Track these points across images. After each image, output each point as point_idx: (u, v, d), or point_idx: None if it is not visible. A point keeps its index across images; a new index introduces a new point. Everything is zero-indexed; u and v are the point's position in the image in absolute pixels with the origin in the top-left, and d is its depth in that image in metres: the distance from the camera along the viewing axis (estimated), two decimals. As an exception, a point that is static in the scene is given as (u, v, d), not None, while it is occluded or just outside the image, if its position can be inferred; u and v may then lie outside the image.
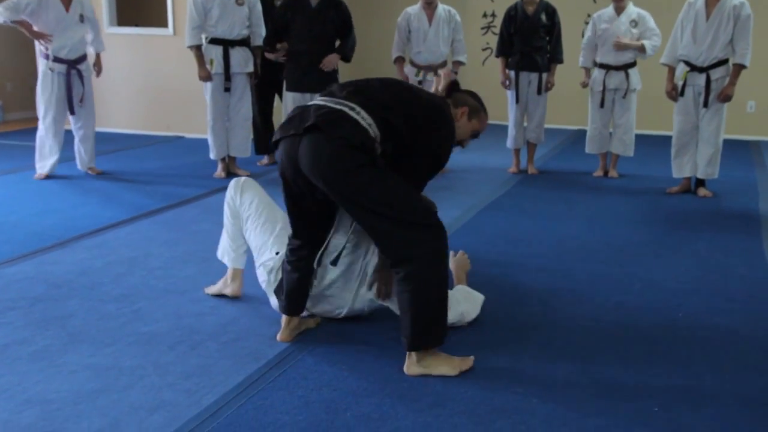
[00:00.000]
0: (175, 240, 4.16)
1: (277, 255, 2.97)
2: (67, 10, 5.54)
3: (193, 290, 3.36)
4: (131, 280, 3.50)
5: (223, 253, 3.29)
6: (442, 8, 6.08)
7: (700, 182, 5.47)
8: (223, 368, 2.59)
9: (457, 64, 6.16)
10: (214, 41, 5.64)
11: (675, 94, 5.33)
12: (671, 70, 5.36)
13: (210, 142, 5.88)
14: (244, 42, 5.73)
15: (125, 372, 2.56)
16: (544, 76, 6.08)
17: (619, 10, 5.87)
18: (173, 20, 7.83)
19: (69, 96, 5.63)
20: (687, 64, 5.24)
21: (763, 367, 2.67)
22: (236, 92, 5.79)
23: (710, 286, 3.50)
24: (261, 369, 2.58)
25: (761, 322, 3.09)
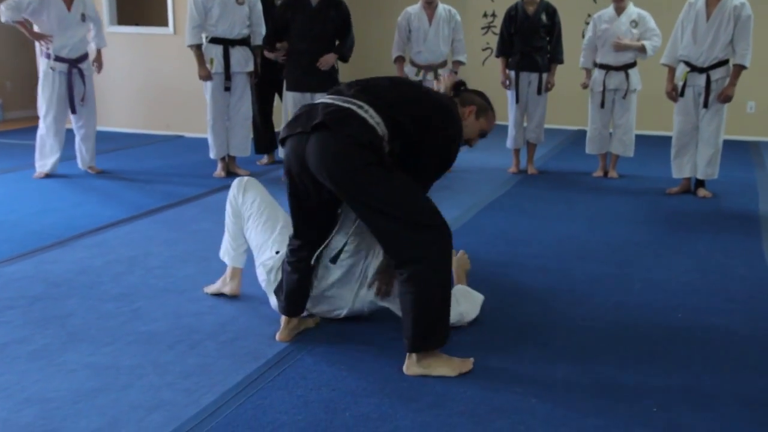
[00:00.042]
0: (175, 239, 4.16)
1: (277, 254, 2.97)
2: (68, 9, 5.54)
3: (192, 289, 3.36)
4: (130, 279, 3.50)
5: (224, 252, 3.29)
6: (442, 8, 6.07)
7: (699, 183, 5.46)
8: (222, 368, 2.59)
9: (457, 63, 6.16)
10: (214, 40, 5.64)
11: (675, 94, 5.33)
12: (671, 71, 5.36)
13: (210, 142, 5.88)
14: (245, 41, 5.73)
15: (124, 371, 2.56)
16: (544, 76, 6.08)
17: (620, 11, 5.86)
18: (173, 19, 7.83)
19: (70, 95, 5.63)
20: (687, 64, 5.24)
21: (762, 368, 2.67)
22: (236, 91, 5.79)
23: (710, 287, 3.50)
24: (260, 368, 2.58)
25: (760, 322, 3.09)
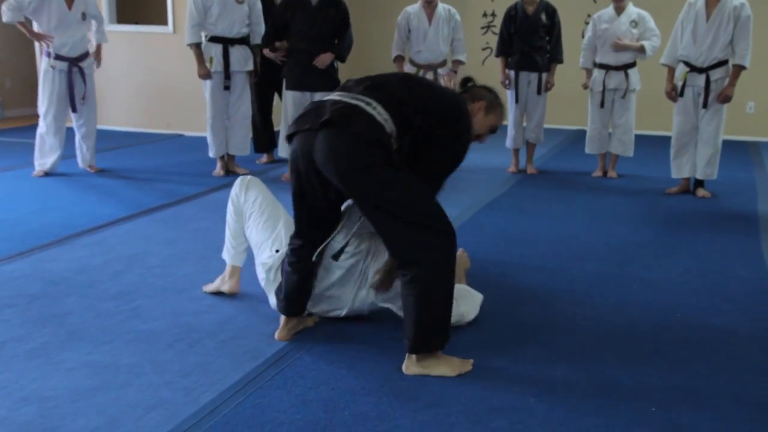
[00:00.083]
0: (174, 238, 4.16)
1: (277, 253, 2.96)
2: (69, 8, 5.54)
3: (191, 288, 3.36)
4: (129, 277, 3.49)
5: (225, 250, 3.29)
6: (441, 7, 6.07)
7: (699, 183, 5.47)
8: (221, 366, 2.59)
9: (457, 63, 6.16)
10: (213, 39, 5.63)
11: (674, 94, 5.33)
12: (671, 71, 5.36)
13: (209, 140, 5.87)
14: (244, 40, 5.73)
15: (123, 370, 2.55)
16: (544, 76, 6.08)
17: (619, 11, 5.86)
18: (173, 18, 7.83)
19: (71, 94, 5.63)
20: (687, 64, 5.24)
21: (761, 367, 2.67)
22: (236, 90, 5.78)
23: (709, 287, 3.50)
24: (259, 367, 2.58)
25: (760, 322, 3.09)
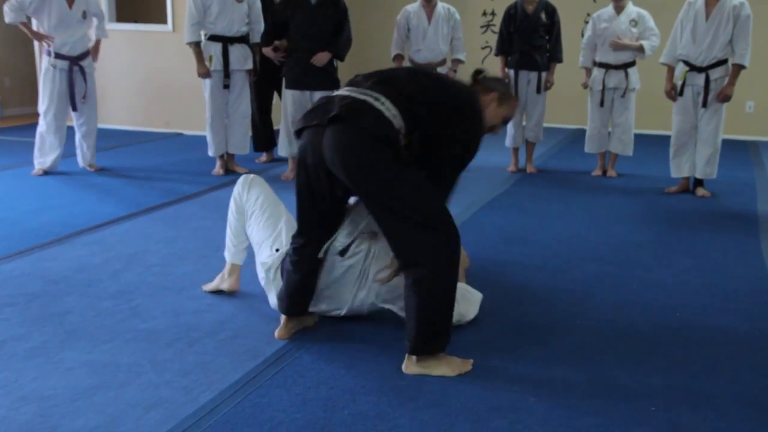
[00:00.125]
0: (173, 237, 4.16)
1: (277, 252, 2.96)
2: (70, 7, 5.54)
3: (190, 287, 3.36)
4: (129, 276, 3.49)
5: (226, 248, 3.28)
6: (441, 6, 6.07)
7: (698, 182, 5.47)
8: (221, 366, 2.59)
9: (457, 62, 6.15)
10: (213, 38, 5.63)
11: (674, 93, 5.33)
12: (670, 70, 5.36)
13: (208, 139, 5.87)
14: (244, 39, 5.72)
15: (122, 369, 2.55)
16: (544, 75, 6.07)
17: (619, 10, 5.86)
18: (172, 17, 7.82)
19: (71, 92, 5.63)
20: (686, 63, 5.24)
21: (760, 367, 2.67)
22: (235, 89, 5.78)
23: (708, 286, 3.50)
24: (258, 366, 2.58)
25: (759, 321, 3.09)
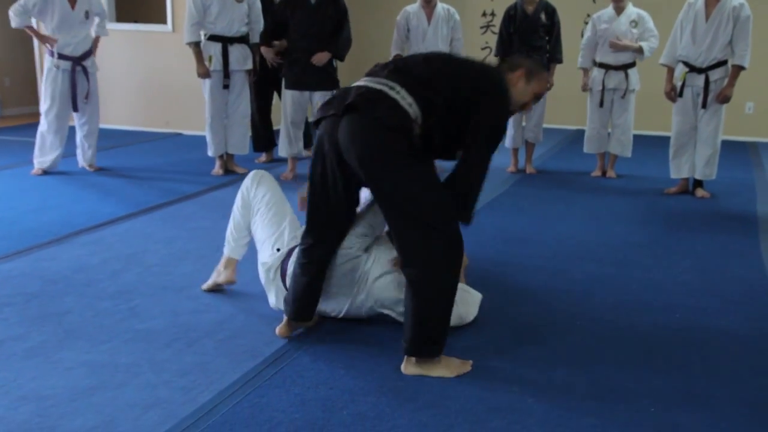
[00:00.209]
0: (173, 237, 4.16)
1: (278, 252, 2.96)
2: (72, 8, 5.56)
3: (189, 287, 3.35)
4: (128, 276, 3.49)
5: (225, 242, 3.28)
6: (441, 7, 6.07)
7: (698, 183, 5.47)
8: (219, 366, 2.59)
9: (457, 62, 6.14)
10: (213, 38, 5.63)
11: (674, 94, 5.33)
12: (670, 71, 5.36)
13: (208, 139, 5.87)
14: (243, 39, 5.72)
15: (121, 369, 2.55)
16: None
17: (619, 11, 5.86)
18: (172, 17, 7.82)
19: (73, 93, 5.63)
20: (686, 64, 5.24)
21: (759, 368, 2.67)
22: (235, 89, 5.78)
23: (708, 287, 3.50)
24: (257, 367, 2.58)
25: (758, 322, 3.09)
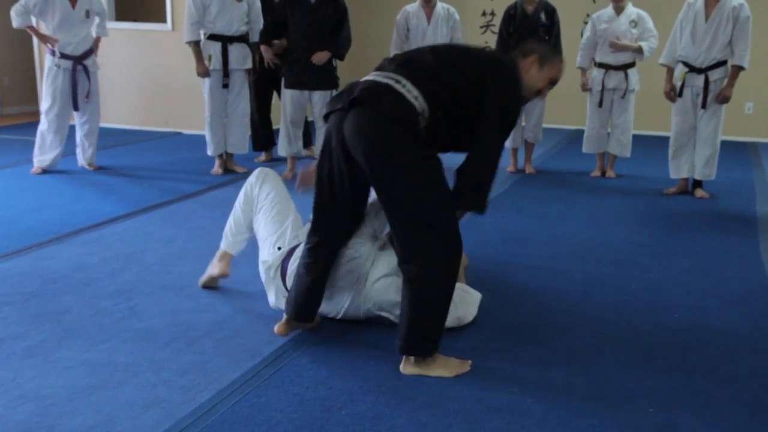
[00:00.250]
0: (172, 236, 4.16)
1: (279, 251, 2.96)
2: (73, 7, 5.56)
3: (189, 287, 3.35)
4: (127, 276, 3.49)
5: (223, 236, 3.27)
6: (441, 6, 6.07)
7: (697, 183, 5.47)
8: (218, 365, 2.59)
9: (456, 62, 6.14)
10: (212, 37, 5.63)
11: (673, 94, 5.33)
12: (670, 71, 5.36)
13: (207, 139, 5.86)
14: (243, 38, 5.72)
15: (120, 368, 2.55)
16: (543, 75, 6.06)
17: (619, 11, 5.86)
18: (172, 16, 7.82)
19: (74, 92, 5.63)
20: (685, 65, 5.24)
21: (758, 369, 2.67)
22: (234, 89, 5.78)
23: (707, 288, 3.50)
24: (256, 366, 2.58)
25: (757, 323, 3.09)
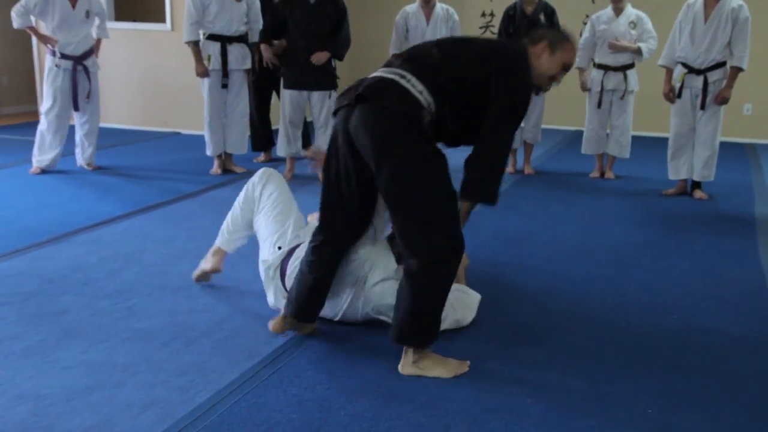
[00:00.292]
0: (171, 236, 4.15)
1: (279, 250, 2.96)
2: (73, 7, 5.57)
3: (187, 287, 3.35)
4: (126, 276, 3.49)
5: (219, 233, 3.27)
6: (440, 7, 6.06)
7: (696, 184, 5.47)
8: (217, 365, 2.59)
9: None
10: (211, 37, 5.62)
11: (672, 95, 5.33)
12: (669, 72, 5.36)
13: (206, 139, 5.86)
14: (242, 38, 5.71)
15: (118, 368, 2.55)
16: (543, 76, 6.06)
17: (618, 11, 5.86)
18: (171, 16, 7.81)
19: (74, 92, 5.63)
20: (684, 66, 5.24)
21: (756, 370, 2.67)
22: (233, 89, 5.77)
23: (705, 289, 3.50)
24: (255, 367, 2.58)
25: (755, 324, 3.09)
